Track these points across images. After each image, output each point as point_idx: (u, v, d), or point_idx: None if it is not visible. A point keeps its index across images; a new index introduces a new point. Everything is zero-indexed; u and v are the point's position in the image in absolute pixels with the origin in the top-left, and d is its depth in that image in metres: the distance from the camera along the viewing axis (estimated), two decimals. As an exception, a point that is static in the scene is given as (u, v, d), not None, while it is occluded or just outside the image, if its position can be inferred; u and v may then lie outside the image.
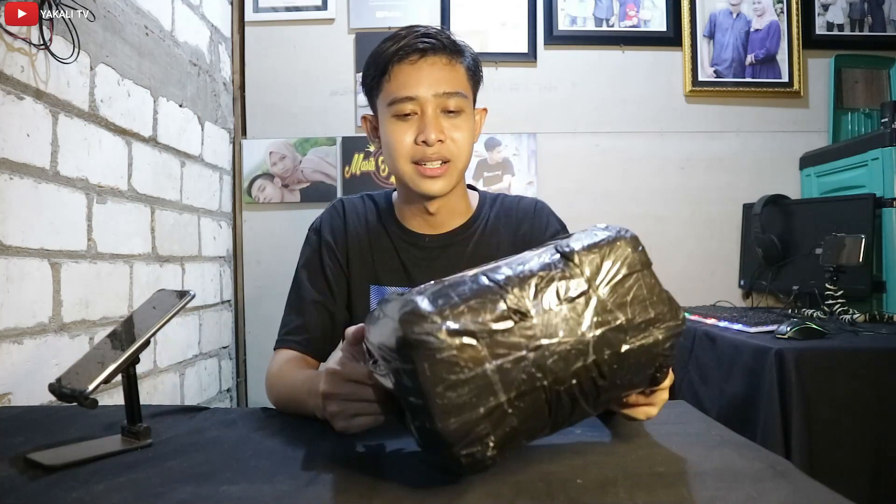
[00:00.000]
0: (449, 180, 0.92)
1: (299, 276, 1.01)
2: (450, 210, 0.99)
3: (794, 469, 0.56)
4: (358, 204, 1.05)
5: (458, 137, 0.91)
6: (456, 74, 0.91)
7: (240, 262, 2.15)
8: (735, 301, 2.15)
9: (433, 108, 0.89)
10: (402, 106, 0.89)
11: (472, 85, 0.95)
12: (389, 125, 0.92)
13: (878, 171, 1.77)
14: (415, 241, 0.99)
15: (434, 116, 0.90)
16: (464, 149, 0.92)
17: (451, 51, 0.91)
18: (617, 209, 2.18)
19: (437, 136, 0.88)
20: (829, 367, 1.28)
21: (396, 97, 0.90)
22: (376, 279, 1.00)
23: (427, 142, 0.88)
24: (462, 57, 0.93)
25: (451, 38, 0.92)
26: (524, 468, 0.56)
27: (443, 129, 0.90)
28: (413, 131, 0.90)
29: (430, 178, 0.90)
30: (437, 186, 0.91)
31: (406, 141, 0.90)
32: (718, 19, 2.20)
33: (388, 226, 1.01)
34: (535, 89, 2.20)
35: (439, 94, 0.89)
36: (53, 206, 1.17)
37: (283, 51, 2.19)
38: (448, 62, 0.91)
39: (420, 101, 0.89)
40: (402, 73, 0.90)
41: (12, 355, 1.06)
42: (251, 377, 2.14)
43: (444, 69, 0.90)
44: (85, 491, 0.53)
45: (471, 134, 0.93)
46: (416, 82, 0.89)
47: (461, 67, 0.92)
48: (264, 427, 0.74)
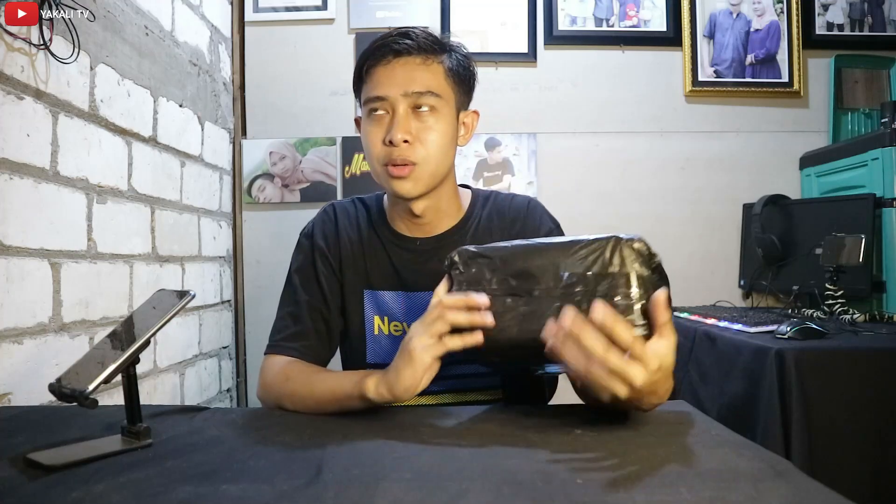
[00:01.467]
0: (417, 183, 0.90)
1: (293, 282, 1.00)
2: (438, 212, 0.98)
3: (794, 469, 0.56)
4: (349, 208, 1.04)
5: (429, 139, 0.89)
6: (430, 74, 0.90)
7: (240, 262, 2.15)
8: (735, 301, 2.15)
9: (403, 107, 0.89)
10: (374, 105, 0.90)
11: (454, 85, 0.94)
12: (364, 125, 0.93)
13: (878, 171, 1.77)
14: (406, 244, 0.99)
15: (403, 116, 0.89)
16: (433, 151, 0.90)
17: (427, 51, 0.90)
18: (617, 209, 2.18)
19: (403, 137, 0.87)
20: (829, 367, 1.28)
21: (369, 96, 0.91)
22: (369, 284, 0.99)
23: (392, 141, 0.88)
24: (441, 56, 0.92)
25: (431, 39, 0.91)
26: (524, 468, 0.56)
27: (410, 129, 0.89)
28: (383, 132, 0.90)
29: (396, 178, 0.90)
30: (405, 188, 0.90)
31: (377, 142, 0.90)
32: (718, 19, 2.20)
33: (379, 230, 1.01)
34: (535, 89, 2.20)
35: (409, 94, 0.89)
36: (53, 206, 1.17)
37: (283, 51, 2.19)
38: (422, 62, 0.90)
39: (390, 100, 0.89)
40: (376, 74, 0.91)
41: (12, 355, 1.06)
42: (251, 377, 2.14)
43: (418, 69, 0.90)
44: (85, 491, 0.53)
45: (444, 136, 0.91)
46: (387, 82, 0.89)
47: (439, 67, 0.91)
48: (264, 427, 0.74)
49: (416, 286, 0.97)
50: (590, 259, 0.68)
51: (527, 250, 0.72)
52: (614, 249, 0.67)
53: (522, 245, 0.73)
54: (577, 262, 0.68)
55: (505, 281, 0.71)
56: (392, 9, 2.19)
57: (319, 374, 0.88)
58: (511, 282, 0.71)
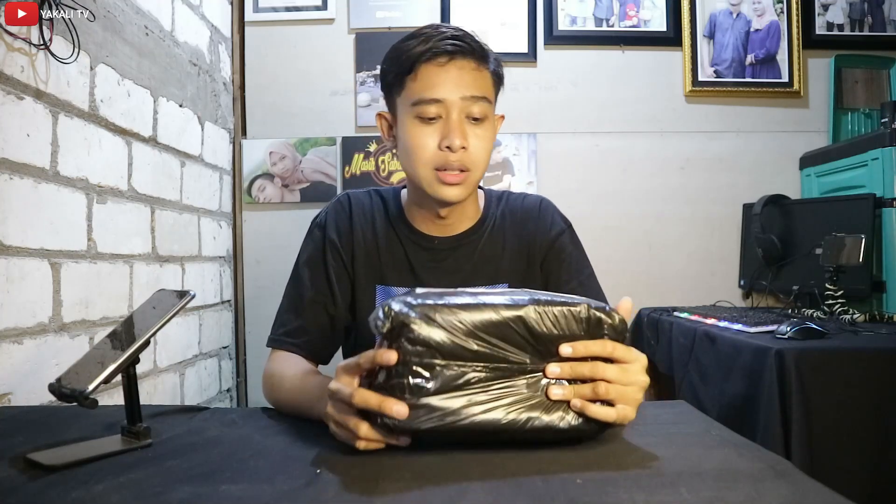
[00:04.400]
0: (466, 188, 0.90)
1: (300, 273, 0.99)
2: (461, 213, 0.98)
3: (794, 469, 0.56)
4: (364, 200, 1.02)
5: (479, 146, 0.89)
6: (482, 79, 0.90)
7: (240, 262, 2.15)
8: (735, 301, 2.15)
9: (458, 112, 0.87)
10: (427, 108, 0.87)
11: (496, 91, 0.94)
12: (411, 127, 0.89)
13: (878, 171, 1.77)
14: (424, 242, 0.98)
15: (459, 121, 0.87)
16: (483, 158, 0.90)
17: (479, 55, 0.89)
18: (617, 209, 2.18)
19: (461, 143, 0.87)
20: (829, 367, 1.28)
21: (422, 98, 0.87)
22: (382, 279, 0.99)
23: (451, 147, 0.86)
24: (488, 62, 0.91)
25: (478, 42, 0.90)
26: (524, 468, 0.56)
27: (467, 135, 0.88)
28: (437, 135, 0.88)
29: (448, 184, 0.89)
30: (455, 193, 0.90)
31: (429, 145, 0.88)
32: (718, 19, 2.20)
33: (396, 225, 1.00)
34: (535, 89, 2.20)
35: (466, 98, 0.87)
36: (53, 206, 1.17)
37: (283, 51, 2.19)
38: (476, 66, 0.89)
39: (446, 104, 0.87)
40: (429, 74, 0.87)
41: (12, 355, 1.06)
42: (251, 377, 2.14)
43: (472, 73, 0.88)
44: (85, 491, 0.53)
45: (491, 143, 0.92)
46: (443, 84, 0.87)
47: (487, 73, 0.91)
48: (264, 427, 0.74)
49: (429, 283, 0.97)
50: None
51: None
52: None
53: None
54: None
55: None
56: (392, 9, 2.19)
57: (293, 382, 0.84)
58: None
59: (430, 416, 0.57)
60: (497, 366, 0.59)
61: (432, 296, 0.60)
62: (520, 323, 0.60)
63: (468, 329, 0.58)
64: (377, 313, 0.59)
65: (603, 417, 0.61)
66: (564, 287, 0.98)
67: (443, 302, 0.59)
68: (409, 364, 0.57)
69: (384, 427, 0.58)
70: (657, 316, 1.95)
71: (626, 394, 0.62)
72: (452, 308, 0.59)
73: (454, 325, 0.58)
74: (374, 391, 0.58)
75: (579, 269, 1.02)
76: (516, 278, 1.00)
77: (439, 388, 0.58)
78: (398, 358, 0.57)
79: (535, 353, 0.61)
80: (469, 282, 0.98)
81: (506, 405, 0.59)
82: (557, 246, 1.01)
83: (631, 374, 0.62)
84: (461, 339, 0.58)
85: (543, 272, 1.01)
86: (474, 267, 0.99)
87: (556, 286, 0.99)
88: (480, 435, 0.59)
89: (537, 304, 0.61)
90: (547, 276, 1.01)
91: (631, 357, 0.63)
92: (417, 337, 0.57)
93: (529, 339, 0.60)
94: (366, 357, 0.59)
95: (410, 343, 0.57)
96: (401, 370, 0.57)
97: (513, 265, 1.00)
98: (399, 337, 0.58)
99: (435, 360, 0.58)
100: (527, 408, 0.60)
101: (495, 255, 1.00)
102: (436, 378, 0.58)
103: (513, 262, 1.00)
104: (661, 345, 1.87)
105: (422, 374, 0.57)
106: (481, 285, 0.98)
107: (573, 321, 0.61)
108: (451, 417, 0.58)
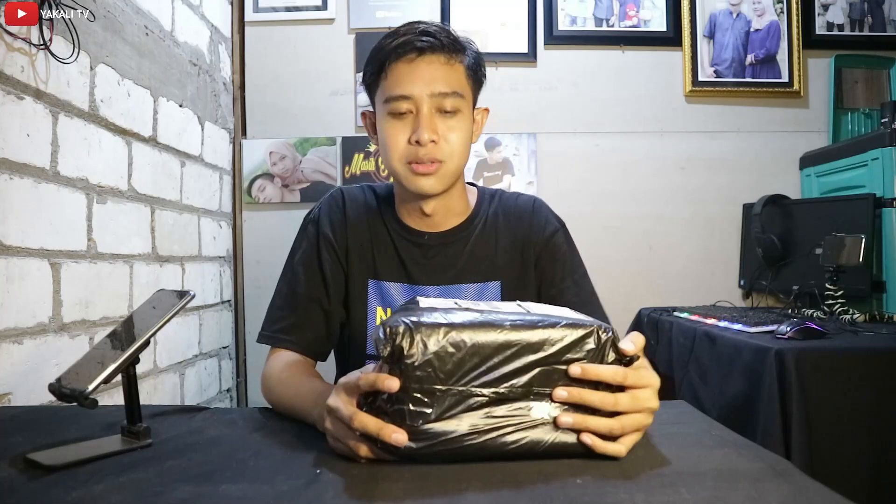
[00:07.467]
0: (440, 179, 0.91)
1: (293, 269, 0.99)
2: (447, 209, 0.98)
3: (794, 469, 0.56)
4: (358, 195, 1.03)
5: (453, 138, 0.90)
6: (454, 74, 0.90)
7: (240, 261, 2.15)
8: (735, 301, 2.15)
9: (428, 107, 0.88)
10: (398, 104, 0.89)
11: (472, 84, 0.94)
12: (385, 123, 0.91)
13: (878, 171, 1.77)
14: (413, 238, 0.99)
15: (428, 116, 0.88)
16: (457, 150, 0.91)
17: (450, 49, 0.90)
18: (617, 209, 2.18)
19: (430, 137, 0.87)
20: (829, 367, 1.28)
21: (391, 95, 0.89)
22: (375, 274, 0.99)
23: (420, 142, 0.87)
24: (462, 55, 0.92)
25: (451, 36, 0.91)
26: (524, 468, 0.56)
27: (436, 129, 0.89)
28: (407, 130, 0.89)
29: (421, 175, 0.90)
30: (429, 184, 0.90)
31: (400, 140, 0.89)
32: (718, 19, 2.20)
33: (387, 221, 1.00)
34: (535, 89, 2.20)
35: (435, 94, 0.88)
36: (53, 206, 1.17)
37: (283, 51, 2.19)
38: (446, 61, 0.90)
39: (415, 99, 0.88)
40: (398, 71, 0.89)
41: (12, 355, 1.06)
42: (251, 377, 2.14)
43: (442, 68, 0.89)
44: (85, 491, 0.53)
45: (466, 134, 0.92)
46: (411, 81, 0.88)
47: (460, 66, 0.91)
48: (264, 427, 0.74)
49: (421, 280, 0.98)
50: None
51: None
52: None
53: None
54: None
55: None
56: (392, 9, 2.19)
57: (289, 386, 0.84)
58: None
59: (431, 442, 0.56)
60: (501, 388, 0.57)
61: (436, 312, 0.59)
62: (526, 344, 0.57)
63: (472, 350, 0.56)
64: (378, 333, 0.57)
65: (612, 454, 0.58)
66: (559, 285, 0.99)
67: (446, 321, 0.57)
68: (410, 391, 0.55)
69: (384, 449, 0.57)
70: (657, 316, 1.95)
71: (636, 420, 0.59)
72: (457, 328, 0.57)
73: (457, 347, 0.56)
74: (374, 412, 0.57)
75: (573, 269, 1.02)
76: (510, 277, 1.00)
77: (441, 413, 0.56)
78: (399, 384, 0.55)
79: (541, 374, 0.58)
80: (461, 279, 0.98)
81: (511, 429, 0.57)
82: (552, 245, 1.01)
83: (642, 400, 0.59)
84: (464, 362, 0.56)
85: (538, 271, 1.01)
86: (466, 264, 0.99)
87: (551, 285, 1.00)
88: (485, 458, 0.57)
89: (545, 325, 0.58)
90: (541, 274, 1.01)
91: (642, 383, 0.60)
92: (419, 363, 0.55)
93: (536, 360, 0.58)
94: (366, 380, 0.57)
95: (412, 369, 0.55)
96: (401, 396, 0.56)
97: (506, 263, 1.00)
98: (400, 360, 0.56)
99: (436, 385, 0.56)
100: (533, 431, 0.58)
101: (488, 253, 1.00)
102: (437, 403, 0.56)
103: (506, 261, 1.00)
104: (661, 345, 1.87)
105: (423, 400, 0.56)
106: (474, 282, 0.99)
107: (582, 344, 0.59)
108: (453, 444, 0.56)
